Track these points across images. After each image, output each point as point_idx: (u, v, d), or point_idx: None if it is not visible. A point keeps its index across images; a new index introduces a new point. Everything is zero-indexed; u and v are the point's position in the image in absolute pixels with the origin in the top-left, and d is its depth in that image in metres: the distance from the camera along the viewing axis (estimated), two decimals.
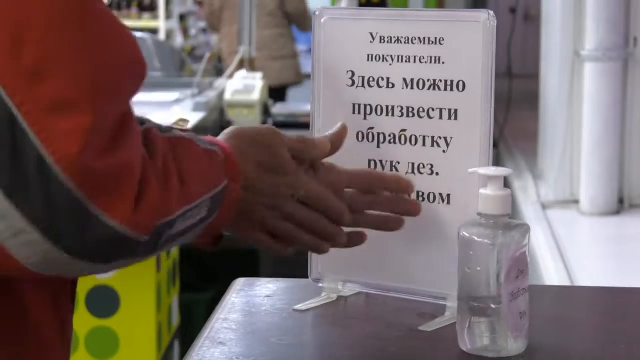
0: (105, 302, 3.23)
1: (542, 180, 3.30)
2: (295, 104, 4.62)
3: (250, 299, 1.54)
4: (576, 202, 3.10)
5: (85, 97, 0.95)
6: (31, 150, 0.89)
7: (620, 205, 3.04)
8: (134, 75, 1.02)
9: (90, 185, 0.91)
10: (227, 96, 4.33)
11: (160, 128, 1.11)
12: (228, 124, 4.27)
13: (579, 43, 3.11)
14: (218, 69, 5.79)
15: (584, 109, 3.07)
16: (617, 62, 3.02)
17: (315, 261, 1.54)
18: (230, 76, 4.56)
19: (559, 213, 3.05)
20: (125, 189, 0.94)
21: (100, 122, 0.93)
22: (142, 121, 1.07)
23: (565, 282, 2.40)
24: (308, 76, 2.78)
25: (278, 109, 4.40)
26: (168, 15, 10.93)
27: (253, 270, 3.90)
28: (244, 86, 4.29)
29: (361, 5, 5.51)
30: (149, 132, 1.05)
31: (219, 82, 4.62)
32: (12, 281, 1.04)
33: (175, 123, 1.45)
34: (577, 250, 2.72)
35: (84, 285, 3.23)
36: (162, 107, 4.25)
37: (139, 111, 1.25)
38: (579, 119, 3.11)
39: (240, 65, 4.56)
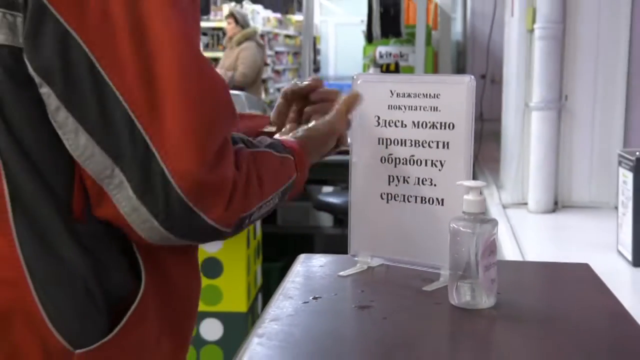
0: (213, 268, 3.25)
1: (503, 189, 3.28)
2: None
3: (309, 268, 1.63)
4: (525, 204, 3.10)
5: (199, 130, 1.00)
6: (156, 167, 0.96)
7: (555, 206, 3.05)
8: (231, 114, 1.09)
9: (195, 194, 0.98)
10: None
11: (248, 143, 1.16)
12: None
13: (528, 98, 3.11)
14: None
15: (531, 142, 3.08)
16: (554, 111, 3.03)
17: (352, 242, 1.58)
18: None
19: (514, 211, 3.04)
20: (220, 197, 1.01)
21: (207, 150, 0.99)
22: (235, 140, 1.12)
23: (519, 258, 2.37)
24: None
25: None
26: None
27: (310, 248, 3.85)
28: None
29: (382, 72, 5.46)
30: (239, 151, 1.09)
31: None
32: (163, 265, 1.13)
33: (264, 129, 1.54)
34: (526, 236, 2.71)
35: (200, 256, 3.22)
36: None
37: None
38: (527, 149, 3.11)
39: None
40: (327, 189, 4.32)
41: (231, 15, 7.91)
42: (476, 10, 7.33)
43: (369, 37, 6.43)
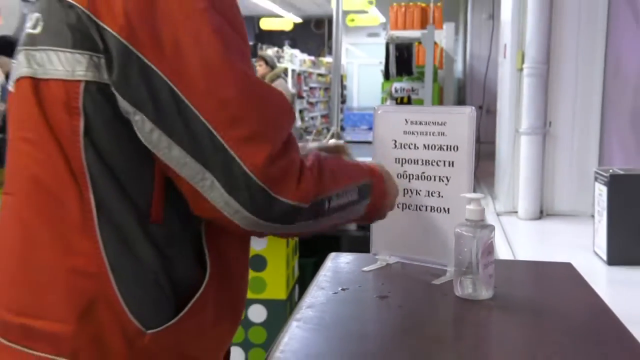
0: (259, 263, 3.25)
1: (497, 200, 3.25)
2: (364, 158, 4.54)
3: (337, 264, 1.60)
4: (516, 212, 3.08)
5: (266, 132, 1.03)
6: (238, 168, 0.99)
7: (541, 214, 3.01)
8: (290, 116, 1.11)
9: (271, 182, 1.00)
10: None
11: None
12: None
13: (518, 124, 3.09)
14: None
15: (521, 161, 3.07)
16: (539, 135, 3.03)
17: (374, 243, 1.58)
18: (327, 142, 4.57)
19: (506, 218, 3.01)
20: (290, 177, 1.03)
21: (275, 145, 1.03)
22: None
23: (511, 258, 2.34)
24: None
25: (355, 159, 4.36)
26: None
27: (337, 247, 3.83)
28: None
29: (397, 103, 5.46)
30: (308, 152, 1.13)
31: (316, 145, 4.67)
32: (226, 259, 1.14)
33: (332, 136, 1.66)
34: (517, 239, 2.69)
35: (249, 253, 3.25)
36: None
37: None
38: (517, 167, 3.10)
39: (332, 137, 4.53)
40: None
41: (261, 58, 7.79)
42: (474, 53, 7.29)
43: (387, 75, 6.43)
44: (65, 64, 1.01)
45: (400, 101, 5.73)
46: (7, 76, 4.84)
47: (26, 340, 1.03)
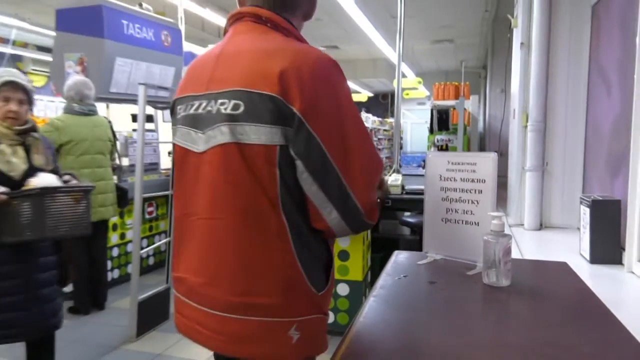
0: (344, 255, 3.22)
1: (509, 216, 3.11)
2: (415, 186, 4.46)
3: (399, 259, 1.58)
4: (522, 224, 2.92)
5: (373, 185, 1.14)
6: (352, 204, 1.08)
7: (540, 226, 2.85)
8: (381, 172, 1.19)
9: (368, 213, 1.11)
10: (389, 183, 4.27)
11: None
12: (389, 192, 4.21)
13: (523, 163, 2.95)
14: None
15: (526, 189, 2.90)
16: (539, 172, 2.88)
17: (425, 245, 1.54)
18: (390, 175, 4.47)
19: (516, 229, 2.88)
20: (375, 210, 1.13)
21: (373, 192, 1.12)
22: None
23: (519, 257, 2.23)
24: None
25: (408, 187, 4.28)
26: None
27: (396, 247, 3.77)
28: (394, 179, 4.20)
29: (438, 149, 5.34)
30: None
31: (386, 178, 4.60)
32: (331, 247, 1.21)
33: (394, 171, 1.77)
34: (524, 244, 2.54)
35: (337, 249, 3.21)
36: None
37: None
38: (523, 193, 2.96)
39: (394, 171, 4.47)
40: (407, 213, 4.26)
41: None
42: (491, 115, 7.11)
43: (431, 130, 6.36)
44: (264, 135, 1.03)
45: (440, 148, 5.65)
46: None
47: (248, 312, 1.06)
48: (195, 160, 1.13)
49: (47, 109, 8.72)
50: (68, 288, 4.02)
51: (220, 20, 7.47)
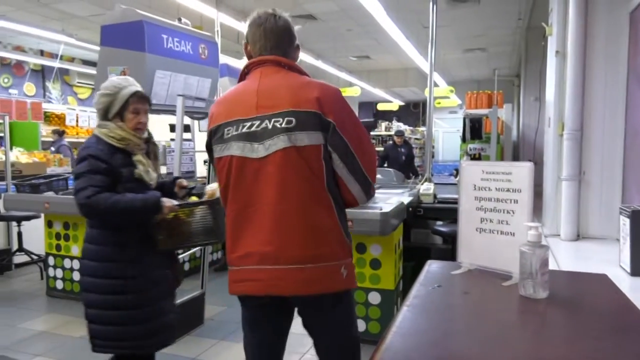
0: (376, 264, 3.17)
1: (545, 226, 3.02)
2: (447, 195, 4.39)
3: (433, 268, 1.57)
4: (558, 235, 2.83)
5: (376, 170, 1.71)
6: (368, 182, 1.65)
7: (577, 236, 2.76)
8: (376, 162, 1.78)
9: (373, 188, 1.68)
10: (421, 191, 4.18)
11: None
12: (421, 201, 4.12)
13: (559, 173, 2.86)
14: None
15: (562, 199, 2.82)
16: (576, 181, 2.80)
17: (460, 254, 1.52)
18: (422, 184, 4.42)
19: (552, 240, 2.80)
20: (372, 192, 1.70)
21: (376, 175, 1.70)
22: None
23: (556, 268, 2.16)
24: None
25: (440, 196, 4.21)
26: None
27: (428, 256, 3.72)
28: (426, 188, 4.14)
29: (471, 159, 5.26)
30: None
31: (417, 186, 4.49)
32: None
33: (426, 179, 2.35)
34: (560, 255, 2.46)
35: (369, 258, 3.17)
36: (398, 195, 4.12)
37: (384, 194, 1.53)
38: (559, 203, 2.88)
39: (425, 180, 4.42)
40: (439, 222, 4.19)
41: None
42: (525, 124, 6.95)
43: (463, 139, 6.27)
44: (313, 139, 1.52)
45: (473, 157, 5.56)
46: None
47: (317, 261, 1.54)
48: (255, 165, 1.54)
49: (91, 120, 9.03)
50: None
51: None
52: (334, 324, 1.65)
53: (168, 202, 2.09)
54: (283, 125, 1.49)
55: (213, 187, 2.18)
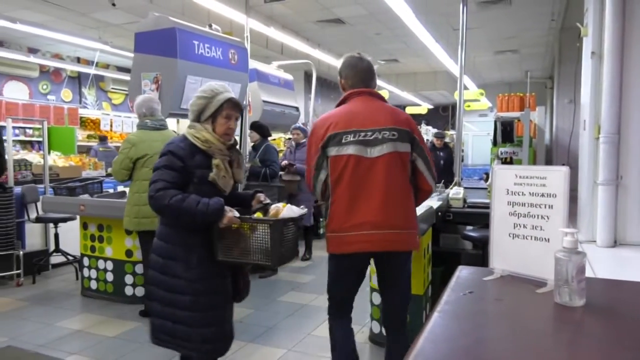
0: None
1: (580, 232, 2.93)
2: (476, 199, 4.32)
3: (464, 274, 1.57)
4: (594, 241, 2.75)
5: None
6: (434, 174, 2.43)
7: (615, 243, 2.67)
8: None
9: (436, 181, 2.51)
10: (450, 196, 4.12)
11: None
12: (450, 206, 4.06)
13: (596, 177, 2.78)
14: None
15: (598, 204, 2.73)
16: (613, 186, 2.70)
17: (492, 260, 1.47)
18: (451, 188, 4.36)
19: (588, 246, 2.71)
20: (436, 182, 2.53)
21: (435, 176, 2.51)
22: None
23: (592, 276, 2.09)
24: None
25: (470, 201, 4.14)
26: None
27: (458, 262, 3.66)
28: (456, 192, 4.08)
29: (502, 163, 5.16)
30: None
31: (447, 191, 4.43)
32: None
33: (455, 184, 3.46)
34: (597, 262, 2.39)
35: None
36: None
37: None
38: (595, 208, 2.79)
39: (455, 184, 4.35)
40: (469, 227, 4.13)
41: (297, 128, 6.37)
42: (558, 127, 6.78)
43: (494, 142, 6.15)
44: (407, 147, 2.28)
45: (504, 161, 5.46)
46: (254, 146, 5.14)
47: (409, 227, 2.26)
48: (368, 162, 2.19)
49: (124, 124, 9.26)
50: (139, 292, 4.20)
51: (283, 38, 7.65)
52: (405, 274, 2.35)
53: (230, 212, 2.06)
54: (388, 136, 2.19)
55: (278, 207, 2.15)
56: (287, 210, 2.12)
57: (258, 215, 2.18)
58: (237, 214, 2.08)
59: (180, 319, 2.07)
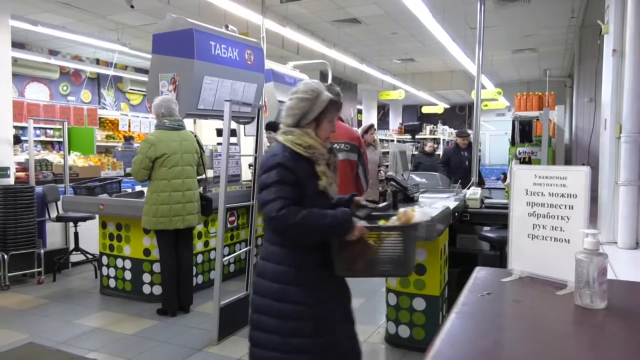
0: (421, 269, 3.12)
1: (601, 233, 2.88)
2: (494, 200, 4.28)
3: (482, 275, 1.57)
4: (615, 242, 2.70)
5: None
6: (367, 179, 4.02)
7: (637, 244, 2.61)
8: None
9: (367, 185, 4.11)
10: (467, 196, 4.08)
11: None
12: (467, 206, 4.02)
13: (617, 177, 2.73)
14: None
15: (620, 205, 2.69)
16: (635, 186, 2.66)
17: (511, 261, 1.46)
18: (469, 188, 4.32)
19: (609, 248, 2.67)
20: (367, 186, 4.23)
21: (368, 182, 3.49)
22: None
23: (613, 277, 2.05)
24: None
25: (487, 201, 4.10)
26: None
27: (475, 263, 3.63)
28: (473, 193, 4.04)
29: (520, 162, 5.10)
30: None
31: (464, 191, 4.38)
32: None
33: (473, 184, 2.32)
34: (618, 264, 2.35)
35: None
36: (443, 200, 4.03)
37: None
38: (617, 209, 2.75)
39: (472, 184, 4.31)
40: (487, 227, 4.09)
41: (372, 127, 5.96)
42: (578, 126, 6.67)
43: (512, 142, 6.07)
44: (355, 157, 3.81)
45: (523, 161, 5.38)
46: (270, 146, 5.15)
47: None
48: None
49: (142, 125, 9.38)
50: (157, 291, 4.25)
51: (299, 38, 7.66)
52: None
53: (357, 222, 1.86)
54: (343, 147, 3.09)
55: (407, 211, 1.90)
56: (420, 214, 1.88)
57: (383, 223, 1.94)
58: (365, 223, 1.87)
59: (301, 348, 1.84)
